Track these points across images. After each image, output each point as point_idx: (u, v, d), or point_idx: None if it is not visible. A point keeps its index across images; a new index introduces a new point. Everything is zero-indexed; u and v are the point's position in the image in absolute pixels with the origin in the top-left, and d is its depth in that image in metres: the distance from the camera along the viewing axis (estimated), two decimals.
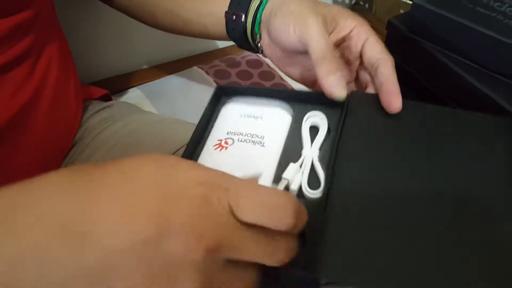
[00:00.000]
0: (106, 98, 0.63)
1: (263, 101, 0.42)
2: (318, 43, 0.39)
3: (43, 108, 0.45)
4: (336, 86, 0.38)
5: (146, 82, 0.81)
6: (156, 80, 0.82)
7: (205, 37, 0.53)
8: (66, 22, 0.53)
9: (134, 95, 0.77)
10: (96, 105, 0.57)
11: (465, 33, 0.46)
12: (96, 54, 0.82)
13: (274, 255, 0.25)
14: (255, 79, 0.82)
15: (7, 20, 0.39)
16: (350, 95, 0.39)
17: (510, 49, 0.43)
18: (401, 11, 0.53)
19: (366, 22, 0.42)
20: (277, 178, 0.36)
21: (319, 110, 0.40)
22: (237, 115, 0.41)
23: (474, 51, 0.47)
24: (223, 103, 0.44)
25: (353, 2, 1.05)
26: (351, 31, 0.42)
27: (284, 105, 0.42)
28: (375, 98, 0.38)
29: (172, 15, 0.53)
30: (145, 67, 0.89)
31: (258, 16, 0.45)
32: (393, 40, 0.54)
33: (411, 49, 0.52)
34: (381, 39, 0.56)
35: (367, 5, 1.04)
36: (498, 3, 0.47)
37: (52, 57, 0.47)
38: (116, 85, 0.80)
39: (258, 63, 0.85)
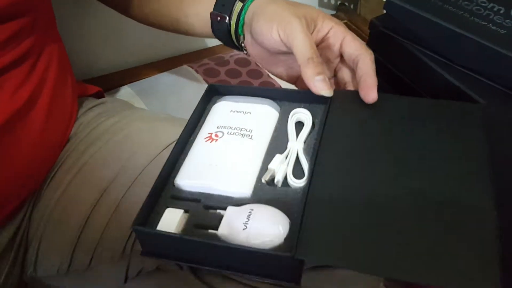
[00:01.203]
0: (99, 95, 0.64)
1: (253, 99, 0.45)
2: (303, 44, 0.41)
3: (42, 106, 0.46)
4: (322, 87, 0.40)
5: (137, 80, 0.83)
6: (147, 78, 0.83)
7: (193, 35, 0.55)
8: (58, 21, 0.54)
9: (125, 93, 0.78)
10: (90, 102, 0.59)
11: (434, 30, 0.49)
12: (87, 52, 0.83)
13: None
14: (244, 77, 0.84)
15: (8, 25, 0.40)
16: (334, 93, 0.41)
17: (474, 44, 0.46)
18: (384, 11, 0.55)
19: (342, 23, 0.45)
20: (264, 168, 0.38)
21: (305, 107, 0.43)
22: (227, 111, 0.44)
23: (443, 47, 0.50)
24: (215, 101, 0.46)
25: (338, 3, 1.08)
26: (328, 32, 0.44)
27: (272, 103, 0.44)
28: (355, 95, 0.41)
29: (160, 14, 0.55)
30: (135, 65, 0.90)
31: (241, 18, 0.47)
32: (374, 39, 0.57)
33: (388, 46, 0.55)
34: (366, 39, 0.59)
35: (352, 6, 1.07)
36: (466, 2, 0.50)
37: (51, 57, 0.48)
38: (107, 83, 0.81)
39: (247, 62, 0.87)
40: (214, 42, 0.97)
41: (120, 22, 0.62)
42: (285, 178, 0.37)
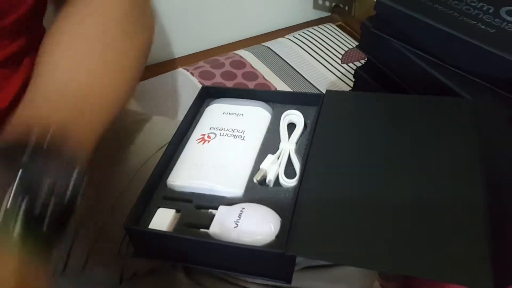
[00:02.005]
0: None
1: (245, 101, 0.45)
2: None
3: None
4: None
5: None
6: (142, 81, 0.84)
7: None
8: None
9: None
10: None
11: (424, 30, 0.49)
12: None
13: None
14: (239, 79, 0.84)
15: None
16: (325, 94, 0.42)
17: (464, 44, 0.46)
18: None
19: None
20: (256, 168, 0.39)
21: (297, 109, 0.43)
22: (220, 113, 0.44)
23: (433, 47, 0.50)
24: (208, 103, 0.46)
25: (333, 4, 1.08)
26: None
27: (265, 104, 0.45)
28: (347, 96, 0.41)
29: None
30: None
31: None
32: (365, 39, 0.58)
33: (379, 46, 0.55)
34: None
35: (347, 8, 1.07)
36: (456, 2, 0.51)
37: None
38: None
39: (242, 64, 0.87)
40: (209, 44, 0.97)
41: None
42: (277, 178, 0.38)
